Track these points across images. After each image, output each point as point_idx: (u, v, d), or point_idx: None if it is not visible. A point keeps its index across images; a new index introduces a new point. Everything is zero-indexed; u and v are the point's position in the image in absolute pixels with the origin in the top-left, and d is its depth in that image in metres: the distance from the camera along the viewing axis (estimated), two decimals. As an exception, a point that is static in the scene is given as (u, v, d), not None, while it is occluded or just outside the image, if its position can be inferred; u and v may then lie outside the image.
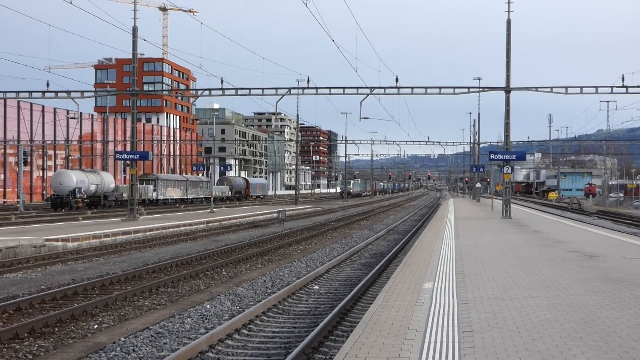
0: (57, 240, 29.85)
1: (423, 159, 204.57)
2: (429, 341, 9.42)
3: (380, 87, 44.99)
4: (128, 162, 48.92)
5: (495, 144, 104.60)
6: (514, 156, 43.33)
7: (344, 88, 45.12)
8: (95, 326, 14.44)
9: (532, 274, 16.28)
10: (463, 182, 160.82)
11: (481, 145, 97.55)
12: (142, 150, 78.86)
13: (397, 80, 44.66)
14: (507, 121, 44.00)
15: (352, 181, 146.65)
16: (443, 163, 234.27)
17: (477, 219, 43.86)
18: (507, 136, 44.54)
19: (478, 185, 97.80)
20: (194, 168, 78.21)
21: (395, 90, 44.79)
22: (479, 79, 76.71)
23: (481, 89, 46.87)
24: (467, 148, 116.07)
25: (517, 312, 11.44)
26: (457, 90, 44.19)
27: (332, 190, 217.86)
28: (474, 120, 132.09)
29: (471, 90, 44.82)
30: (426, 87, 44.35)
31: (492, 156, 45.51)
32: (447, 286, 14.42)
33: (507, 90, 43.25)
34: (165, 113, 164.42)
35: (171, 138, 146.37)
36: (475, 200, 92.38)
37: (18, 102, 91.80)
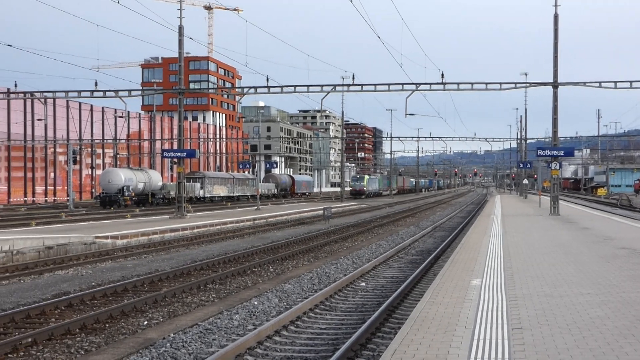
0: (106, 237, 30.23)
1: (469, 156, 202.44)
2: (478, 338, 9.37)
3: (425, 83, 44.83)
4: (175, 160, 49.35)
5: (543, 139, 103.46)
6: (562, 152, 42.81)
7: (389, 84, 45.02)
8: (145, 322, 14.61)
9: (581, 271, 16.10)
10: (510, 178, 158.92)
11: (528, 141, 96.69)
12: (188, 148, 79.51)
13: (442, 76, 44.45)
14: (554, 116, 43.51)
15: (366, 177, 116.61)
16: (489, 159, 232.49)
17: (525, 215, 43.46)
18: (554, 132, 44.05)
19: (525, 181, 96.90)
20: (240, 166, 78.62)
21: (441, 87, 44.59)
22: (526, 74, 75.86)
23: (528, 85, 46.45)
24: (514, 144, 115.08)
25: (567, 309, 11.33)
26: (503, 86, 43.81)
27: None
28: (521, 116, 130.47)
29: (518, 85, 44.42)
30: (472, 83, 44.08)
31: (539, 152, 45.08)
32: (496, 283, 14.33)
33: (555, 85, 42.76)
34: (211, 111, 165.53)
35: (217, 136, 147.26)
36: (522, 196, 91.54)
37: (67, 101, 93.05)
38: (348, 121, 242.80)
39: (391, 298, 15.93)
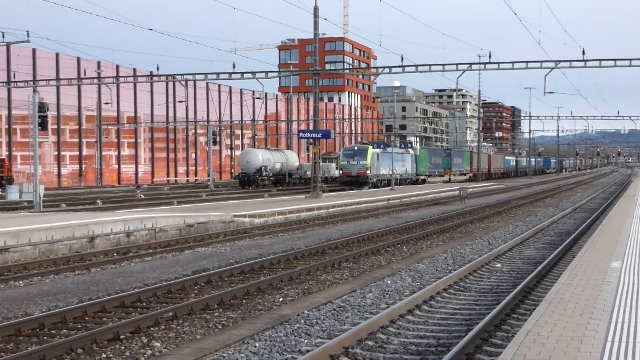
0: (244, 216, 30.95)
1: (612, 135, 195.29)
2: (616, 321, 9.10)
3: (565, 61, 43.58)
4: (311, 140, 49.90)
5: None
6: None
7: (527, 62, 44.02)
8: (281, 299, 14.91)
9: None
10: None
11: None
12: (324, 129, 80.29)
13: (583, 52, 43.05)
14: None
15: (371, 151, 64.54)
16: (634, 139, 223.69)
17: (671, 196, 41.66)
18: None
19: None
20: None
21: (582, 64, 43.20)
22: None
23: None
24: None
25: None
26: (649, 62, 42.00)
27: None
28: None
29: (665, 61, 42.48)
30: (615, 60, 42.48)
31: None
32: (637, 266, 13.84)
33: None
34: (346, 92, 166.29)
35: (352, 116, 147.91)
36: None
37: (207, 83, 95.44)
38: (485, 100, 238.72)
39: (527, 279, 15.64)
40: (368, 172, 63.09)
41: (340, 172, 65.05)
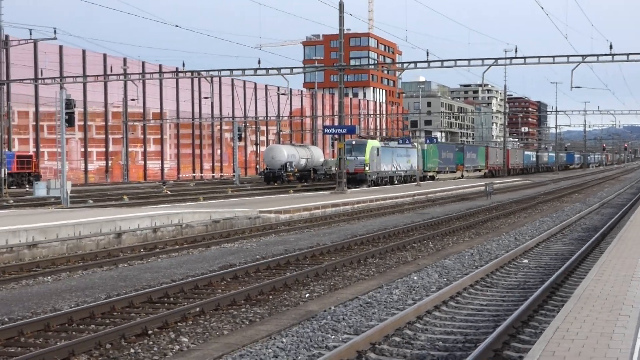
0: (270, 212, 31.00)
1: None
2: (646, 318, 9.02)
3: (592, 55, 43.22)
4: (336, 136, 49.88)
5: None
6: None
7: (553, 57, 43.72)
8: (307, 295, 14.92)
9: None
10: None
11: None
12: (349, 124, 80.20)
13: (611, 47, 42.76)
14: None
15: (370, 144, 59.21)
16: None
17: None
18: None
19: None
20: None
21: (609, 58, 42.88)
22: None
23: None
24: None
25: None
26: (677, 55, 41.60)
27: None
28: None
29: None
30: (643, 53, 42.08)
31: None
32: (667, 262, 13.72)
33: None
34: (371, 87, 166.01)
35: (377, 112, 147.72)
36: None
37: (232, 79, 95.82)
38: (511, 95, 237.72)
39: (555, 275, 15.54)
40: (367, 168, 57.55)
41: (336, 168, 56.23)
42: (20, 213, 29.36)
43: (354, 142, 58.92)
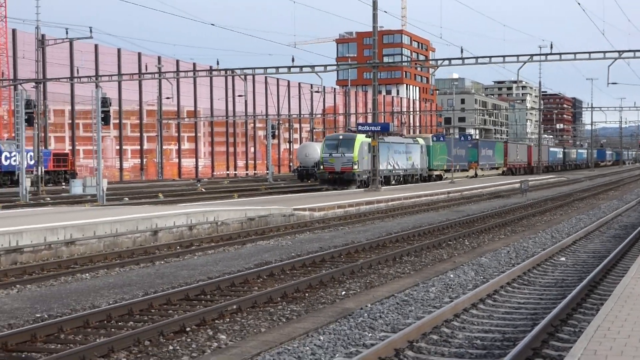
0: (304, 209, 31.03)
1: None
2: (689, 317, 8.90)
3: (629, 51, 42.72)
4: (369, 133, 49.75)
5: None
6: None
7: (589, 53, 43.27)
8: (343, 292, 14.92)
9: None
10: None
11: None
12: (382, 122, 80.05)
13: (648, 42, 42.21)
14: None
15: (360, 140, 50.59)
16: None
17: None
18: None
19: None
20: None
21: (647, 53, 42.34)
22: None
23: None
24: None
25: None
26: None
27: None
28: None
29: None
30: (681, 48, 41.53)
31: None
32: None
33: None
34: (405, 84, 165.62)
35: (411, 109, 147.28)
36: None
37: (265, 77, 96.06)
38: (545, 92, 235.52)
39: (593, 273, 15.39)
40: (355, 167, 49.65)
41: (322, 167, 51.71)
42: (57, 211, 29.68)
43: (340, 137, 52.82)
